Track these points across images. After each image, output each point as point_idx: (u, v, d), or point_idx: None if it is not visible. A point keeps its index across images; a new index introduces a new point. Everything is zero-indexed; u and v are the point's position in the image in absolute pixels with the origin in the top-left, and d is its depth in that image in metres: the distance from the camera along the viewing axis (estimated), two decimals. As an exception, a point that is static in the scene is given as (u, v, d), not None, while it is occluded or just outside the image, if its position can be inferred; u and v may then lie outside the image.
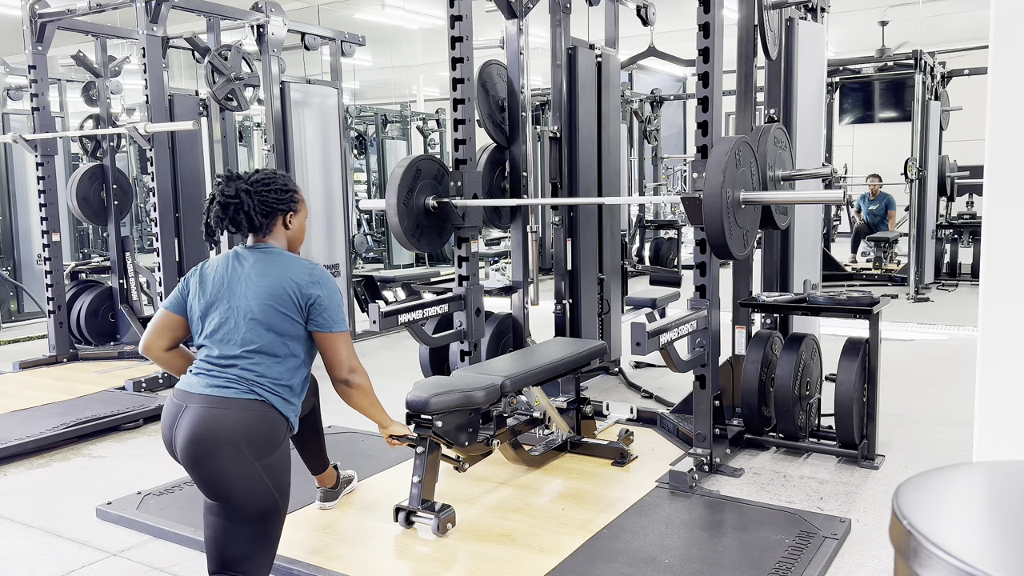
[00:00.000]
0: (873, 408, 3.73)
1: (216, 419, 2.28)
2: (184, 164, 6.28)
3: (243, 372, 2.35)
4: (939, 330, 6.91)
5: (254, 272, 2.43)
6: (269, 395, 2.35)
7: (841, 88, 11.05)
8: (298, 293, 2.40)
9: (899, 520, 1.06)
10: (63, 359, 6.22)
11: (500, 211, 4.90)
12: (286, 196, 2.53)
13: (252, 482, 2.28)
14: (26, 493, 3.72)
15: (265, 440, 2.32)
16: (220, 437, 2.27)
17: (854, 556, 2.89)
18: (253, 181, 2.49)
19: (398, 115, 13.06)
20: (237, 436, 2.27)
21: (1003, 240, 1.72)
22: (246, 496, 2.29)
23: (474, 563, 2.84)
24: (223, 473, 2.27)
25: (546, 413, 3.68)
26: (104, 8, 5.63)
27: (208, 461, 2.27)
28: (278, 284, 2.40)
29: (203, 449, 2.26)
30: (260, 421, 2.32)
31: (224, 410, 2.29)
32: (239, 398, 2.31)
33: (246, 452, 2.27)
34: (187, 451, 2.28)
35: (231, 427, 2.27)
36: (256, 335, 2.38)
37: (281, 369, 2.40)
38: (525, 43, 4.70)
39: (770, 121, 4.15)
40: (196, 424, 2.28)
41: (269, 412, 2.34)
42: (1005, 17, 1.68)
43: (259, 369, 2.36)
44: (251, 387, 2.33)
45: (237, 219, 2.47)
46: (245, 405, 2.31)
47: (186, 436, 2.28)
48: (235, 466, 2.27)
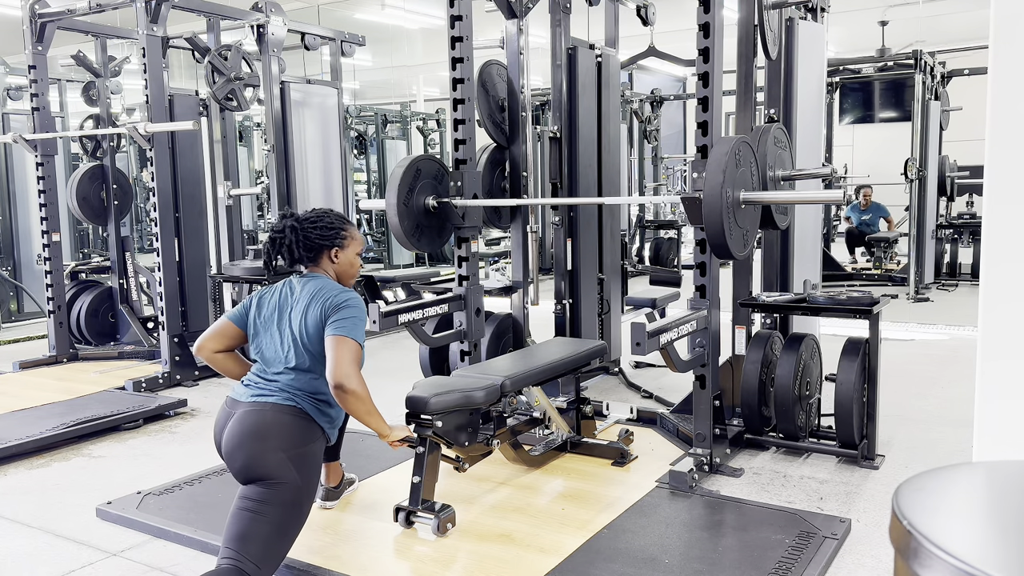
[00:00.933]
0: (873, 408, 3.73)
1: (257, 416, 2.57)
2: (184, 164, 6.29)
3: (285, 385, 2.64)
4: (939, 330, 6.91)
5: (301, 298, 2.74)
6: (307, 405, 2.64)
7: (841, 88, 11.05)
8: (326, 309, 2.68)
9: (899, 520, 1.06)
10: (63, 359, 6.22)
11: (500, 211, 4.90)
12: (330, 233, 2.83)
13: (280, 468, 2.50)
14: (26, 493, 3.72)
15: (298, 435, 2.58)
16: (258, 429, 2.54)
17: (854, 556, 2.89)
18: (301, 219, 2.83)
19: (398, 115, 13.06)
20: (272, 428, 2.55)
21: (1003, 240, 1.72)
22: (273, 480, 2.50)
23: (474, 563, 2.84)
24: (255, 455, 2.51)
25: (546, 413, 3.68)
26: (104, 8, 5.63)
27: (245, 447, 2.52)
28: (317, 308, 2.69)
29: (243, 438, 2.53)
30: (294, 420, 2.60)
31: (265, 411, 2.58)
32: (279, 403, 2.61)
33: (278, 442, 2.53)
34: (230, 443, 2.55)
35: (269, 421, 2.56)
36: (298, 355, 2.67)
37: (319, 384, 2.68)
38: (525, 43, 4.70)
39: (770, 121, 4.15)
40: (241, 422, 2.56)
41: (304, 417, 2.63)
42: (1005, 17, 1.68)
43: (299, 384, 2.65)
44: (290, 396, 2.63)
45: (281, 251, 2.82)
46: (284, 408, 2.60)
47: (232, 432, 2.56)
48: (267, 452, 2.51)
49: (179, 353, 5.61)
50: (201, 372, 5.72)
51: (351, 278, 2.92)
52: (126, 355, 6.34)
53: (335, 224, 2.84)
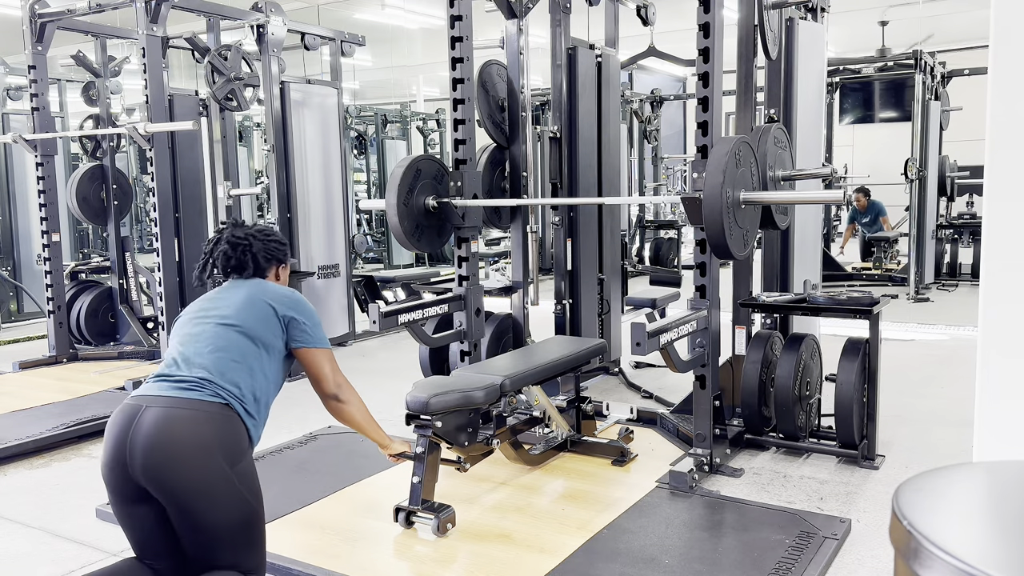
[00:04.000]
0: (873, 408, 3.73)
1: (183, 420, 2.16)
2: (184, 164, 6.28)
3: (208, 375, 2.28)
4: (939, 330, 6.91)
5: (232, 289, 2.53)
6: (233, 401, 2.28)
7: (841, 88, 11.05)
8: (275, 310, 2.46)
9: (899, 520, 1.06)
10: (63, 359, 6.22)
11: (500, 211, 4.89)
12: (283, 248, 2.71)
13: (230, 490, 2.19)
14: (26, 493, 3.72)
15: (234, 444, 2.23)
16: (191, 440, 2.15)
17: (854, 556, 2.89)
18: (257, 230, 2.67)
19: (398, 115, 13.05)
20: (208, 440, 2.17)
21: (1003, 240, 1.72)
22: (226, 506, 2.18)
23: (474, 563, 2.84)
24: (197, 480, 2.14)
25: (546, 412, 3.68)
26: (104, 8, 5.63)
27: (178, 468, 2.13)
28: (254, 296, 2.48)
29: (169, 453, 2.12)
30: (228, 425, 2.24)
31: (192, 411, 2.19)
32: (205, 400, 2.23)
33: (219, 458, 2.17)
34: (151, 458, 2.11)
35: (202, 431, 2.17)
36: (227, 339, 2.36)
37: (248, 380, 2.35)
38: (525, 43, 4.69)
39: (770, 121, 4.15)
40: (160, 426, 2.14)
41: (234, 418, 2.27)
42: (1005, 17, 1.68)
43: (225, 372, 2.31)
44: (216, 391, 2.26)
45: (244, 259, 2.58)
46: (213, 409, 2.22)
47: (148, 441, 2.12)
48: (211, 473, 2.15)
49: (179, 353, 5.60)
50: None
51: None
52: (126, 355, 6.34)
53: (284, 241, 2.76)
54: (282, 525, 3.18)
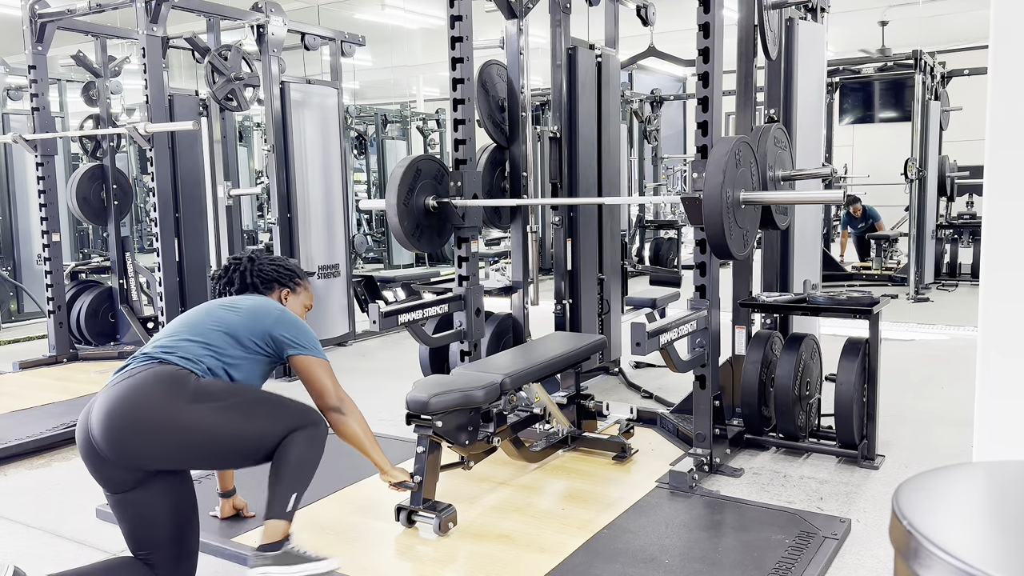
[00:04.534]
0: (873, 408, 3.73)
1: (120, 396, 2.24)
2: (184, 164, 6.28)
3: (163, 352, 2.37)
4: (939, 330, 6.91)
5: (228, 302, 2.62)
6: (170, 357, 2.35)
7: (841, 88, 11.04)
8: (267, 317, 2.53)
9: (899, 520, 1.06)
10: (63, 359, 6.22)
11: (500, 211, 4.90)
12: (286, 274, 2.75)
13: (202, 418, 2.27)
14: (26, 493, 3.72)
15: (177, 383, 2.29)
16: (136, 407, 2.23)
17: (854, 556, 2.89)
18: (262, 255, 2.76)
19: (398, 115, 13.05)
20: (149, 399, 2.24)
21: (1003, 240, 1.72)
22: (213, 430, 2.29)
23: (474, 563, 2.84)
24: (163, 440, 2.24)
25: (546, 409, 3.69)
26: (104, 8, 5.63)
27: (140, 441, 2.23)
28: (251, 307, 2.56)
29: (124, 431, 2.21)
30: (160, 375, 2.29)
31: (123, 383, 2.27)
32: (136, 368, 2.32)
33: (170, 404, 2.24)
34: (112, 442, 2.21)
35: (139, 395, 2.25)
36: (213, 335, 2.46)
37: (203, 354, 2.41)
38: (525, 43, 4.69)
39: (770, 121, 4.15)
40: (103, 411, 2.23)
41: (166, 367, 2.33)
42: (1005, 17, 1.68)
43: (177, 348, 2.38)
44: (151, 356, 2.35)
45: (233, 278, 2.68)
46: (142, 370, 2.31)
47: (101, 428, 2.21)
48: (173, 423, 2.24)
49: (179, 353, 5.60)
50: (201, 372, 5.72)
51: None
52: (126, 355, 6.32)
53: (292, 269, 2.80)
54: (282, 525, 3.17)
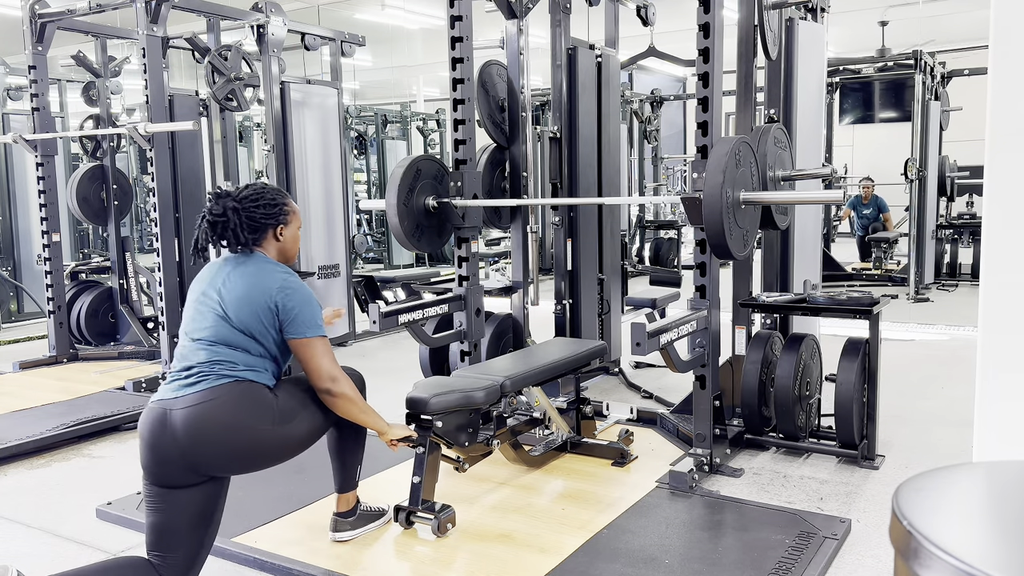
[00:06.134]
0: (873, 408, 3.73)
1: (210, 412, 2.36)
2: (184, 164, 6.28)
3: (210, 364, 2.44)
4: (939, 330, 6.91)
5: (235, 275, 2.54)
6: (239, 374, 2.45)
7: (841, 88, 11.05)
8: (271, 301, 2.50)
9: (899, 520, 1.06)
10: (63, 359, 6.22)
11: (500, 211, 4.89)
12: (274, 210, 2.62)
13: (280, 435, 2.48)
14: (26, 493, 3.72)
15: (260, 405, 2.45)
16: (226, 425, 2.37)
17: (854, 556, 2.89)
18: (241, 198, 2.59)
19: (398, 115, 13.05)
20: (238, 418, 2.39)
21: (1003, 240, 1.72)
22: (291, 440, 2.52)
23: (474, 563, 2.84)
24: (248, 452, 2.44)
25: (546, 413, 3.68)
26: (104, 8, 5.63)
27: (228, 456, 2.39)
28: (253, 289, 2.51)
29: (215, 447, 2.36)
30: (247, 394, 2.43)
31: (211, 401, 2.37)
32: (216, 385, 2.40)
33: (256, 426, 2.42)
34: (200, 456, 2.34)
35: (228, 413, 2.38)
36: (223, 330, 2.48)
37: (249, 359, 2.49)
38: (525, 43, 4.69)
39: (770, 121, 4.15)
40: (192, 424, 2.33)
41: (249, 384, 2.45)
42: (1005, 17, 1.68)
43: (222, 358, 2.45)
44: (221, 372, 2.43)
45: (226, 236, 2.58)
46: (226, 388, 2.40)
47: (189, 441, 2.33)
48: (256, 442, 2.43)
49: (179, 353, 5.59)
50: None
51: (294, 255, 2.73)
52: (126, 355, 6.33)
53: (277, 200, 2.62)
54: (282, 525, 3.18)
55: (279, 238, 2.65)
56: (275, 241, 2.64)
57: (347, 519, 3.02)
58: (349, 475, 2.97)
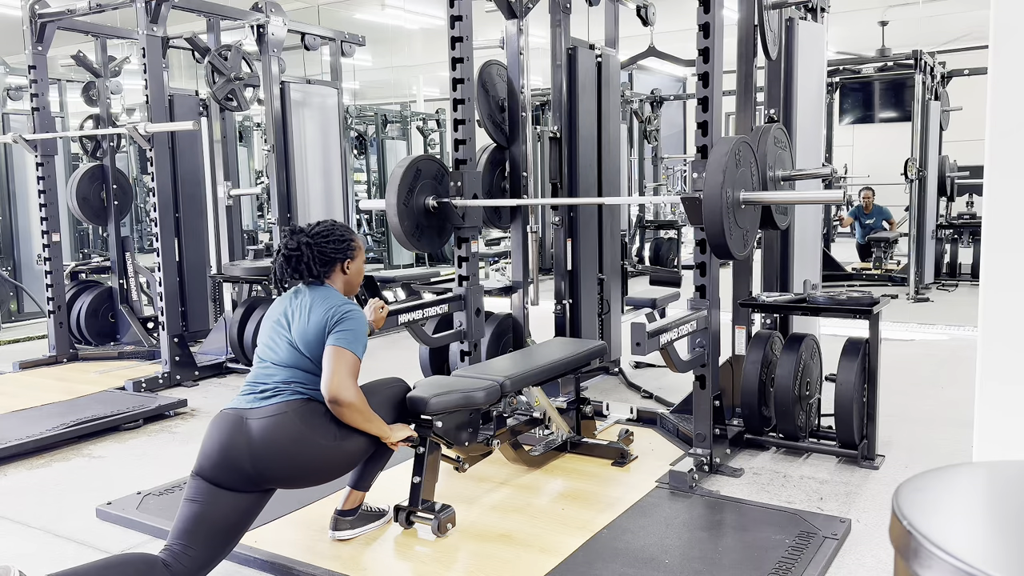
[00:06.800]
0: (873, 408, 3.73)
1: (283, 424, 2.57)
2: (184, 164, 6.29)
3: (284, 382, 2.68)
4: (939, 330, 6.91)
5: (305, 305, 2.77)
6: (308, 393, 2.69)
7: (841, 88, 11.04)
8: (329, 324, 2.71)
9: (899, 520, 1.06)
10: (63, 359, 6.22)
11: (500, 211, 4.89)
12: (343, 245, 2.86)
13: (339, 451, 2.69)
14: (26, 493, 3.72)
15: (323, 423, 2.66)
16: (295, 438, 2.57)
17: (854, 556, 2.89)
18: (313, 234, 2.84)
19: (398, 115, 13.05)
20: (306, 433, 2.60)
21: (1003, 240, 1.72)
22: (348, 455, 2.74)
23: (474, 563, 2.84)
24: (312, 466, 2.66)
25: (546, 413, 3.68)
26: (104, 8, 5.63)
27: (297, 467, 2.61)
28: (316, 318, 2.73)
29: (284, 457, 2.56)
30: (315, 412, 2.66)
31: (283, 414, 2.59)
32: (288, 400, 2.63)
33: (320, 441, 2.62)
34: (268, 462, 2.54)
35: (297, 428, 2.59)
36: (294, 356, 2.71)
37: (318, 381, 2.70)
38: (525, 43, 4.70)
39: (770, 121, 4.15)
40: (265, 434, 2.54)
41: (315, 404, 2.69)
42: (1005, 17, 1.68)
43: (296, 379, 2.69)
44: (295, 390, 2.67)
45: (299, 269, 2.82)
46: (296, 405, 2.63)
47: (262, 449, 2.53)
48: (319, 456, 2.64)
49: (179, 353, 5.60)
50: (201, 372, 5.72)
51: (356, 287, 2.96)
52: (126, 355, 6.34)
53: (345, 236, 2.88)
54: (282, 525, 3.18)
55: (346, 271, 2.88)
56: (342, 274, 2.88)
57: (347, 518, 3.04)
58: (369, 477, 3.06)
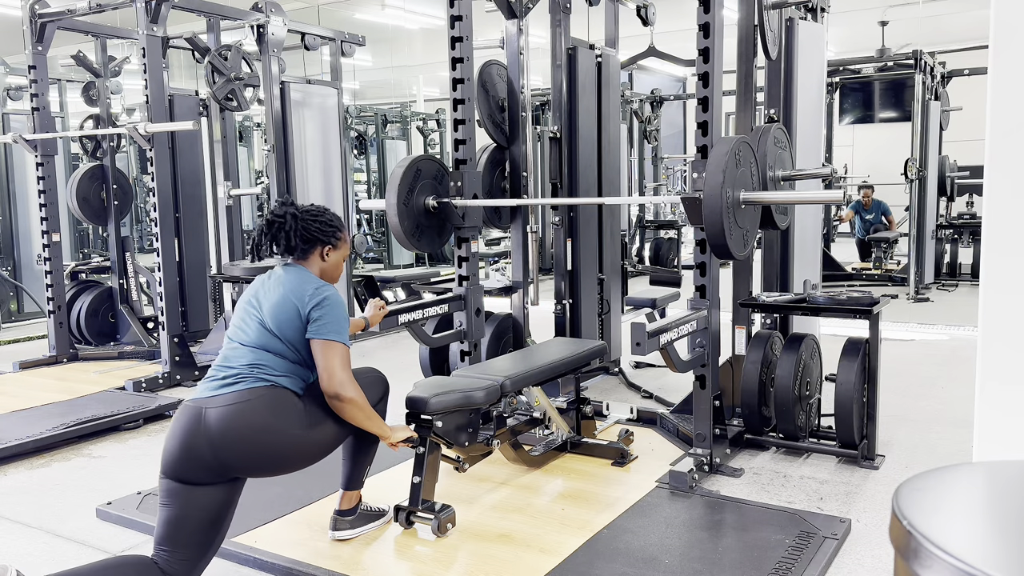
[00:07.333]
0: (873, 408, 3.73)
1: (244, 412, 2.45)
2: (184, 164, 6.28)
3: (248, 368, 2.56)
4: (939, 330, 6.91)
5: (275, 283, 2.69)
6: (275, 379, 2.57)
7: (841, 88, 11.04)
8: (303, 305, 2.62)
9: (899, 520, 1.06)
10: (63, 359, 6.22)
11: (500, 211, 4.90)
12: (329, 230, 2.79)
13: (308, 439, 2.59)
14: (26, 493, 3.72)
15: (291, 411, 2.56)
16: (257, 427, 2.46)
17: (854, 556, 2.89)
18: (304, 209, 2.78)
19: (398, 115, 13.05)
20: (270, 421, 2.49)
21: (1003, 240, 1.72)
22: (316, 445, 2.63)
23: (474, 563, 2.84)
24: (277, 455, 2.55)
25: (546, 413, 3.68)
26: (104, 8, 5.63)
27: (258, 455, 2.49)
28: (289, 294, 2.64)
29: (245, 446, 2.44)
30: (281, 399, 2.55)
31: (246, 402, 2.47)
32: (251, 387, 2.51)
33: (287, 429, 2.53)
34: (230, 453, 2.42)
35: (261, 416, 2.48)
36: (264, 337, 2.61)
37: (288, 366, 2.61)
38: (525, 43, 4.70)
39: (770, 121, 4.15)
40: (225, 423, 2.42)
41: (282, 391, 2.57)
42: (1005, 17, 1.68)
43: (262, 362, 2.58)
44: (258, 375, 2.54)
45: (278, 237, 2.73)
46: (261, 391, 2.52)
47: (222, 440, 2.41)
48: (285, 445, 2.54)
49: (179, 353, 5.60)
50: (201, 372, 5.72)
51: (334, 280, 2.85)
52: (126, 355, 6.34)
53: (334, 222, 2.82)
54: (282, 525, 3.18)
55: (324, 258, 2.80)
56: (320, 260, 2.79)
57: (347, 517, 3.03)
58: (358, 474, 3.02)
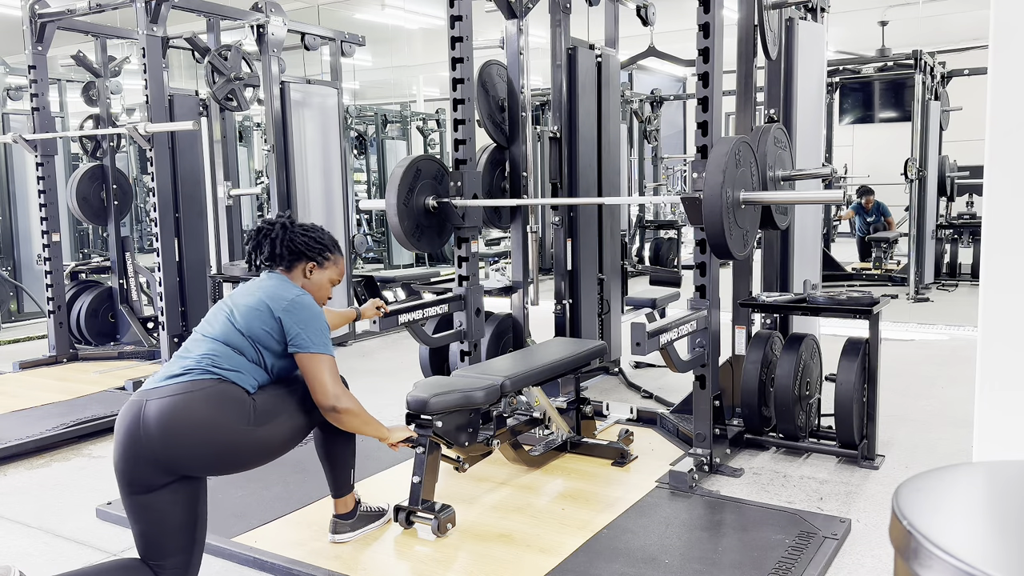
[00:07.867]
0: (873, 408, 3.73)
1: (185, 405, 2.31)
2: (184, 164, 6.27)
3: (200, 361, 2.43)
4: (939, 330, 6.91)
5: (255, 286, 2.63)
6: (225, 373, 2.43)
7: (841, 88, 11.04)
8: (279, 311, 2.54)
9: (899, 520, 1.06)
10: (63, 359, 6.22)
11: (500, 211, 4.89)
12: (316, 247, 2.72)
13: (254, 438, 2.43)
14: (26, 493, 3.72)
15: (238, 406, 2.40)
16: (198, 421, 2.31)
17: (854, 556, 2.89)
18: (296, 223, 2.75)
19: (398, 115, 13.05)
20: (214, 415, 2.34)
21: (1003, 240, 1.72)
22: (262, 446, 2.47)
23: (474, 563, 2.84)
24: (220, 451, 2.37)
25: (546, 413, 3.68)
26: (104, 8, 5.63)
27: (198, 450, 2.32)
28: (265, 299, 2.55)
29: (184, 440, 2.29)
30: (226, 392, 2.39)
31: (188, 393, 2.33)
32: (196, 379, 2.37)
33: (231, 425, 2.37)
34: (169, 448, 2.27)
35: (203, 408, 2.33)
36: (228, 331, 2.51)
37: (243, 363, 2.48)
38: (525, 43, 4.69)
39: (770, 121, 4.15)
40: (165, 416, 2.28)
41: (229, 385, 2.42)
42: (1005, 17, 1.68)
43: (216, 354, 2.45)
44: (206, 368, 2.41)
45: (262, 244, 2.68)
46: (205, 384, 2.37)
47: (160, 433, 2.27)
48: (230, 441, 2.38)
49: (179, 353, 5.59)
50: (201, 372, 5.72)
51: (320, 299, 2.76)
52: (126, 355, 6.33)
53: (324, 241, 2.75)
54: (282, 525, 3.18)
55: (307, 275, 2.72)
56: (303, 276, 2.72)
57: (347, 520, 3.02)
58: (342, 479, 2.96)
